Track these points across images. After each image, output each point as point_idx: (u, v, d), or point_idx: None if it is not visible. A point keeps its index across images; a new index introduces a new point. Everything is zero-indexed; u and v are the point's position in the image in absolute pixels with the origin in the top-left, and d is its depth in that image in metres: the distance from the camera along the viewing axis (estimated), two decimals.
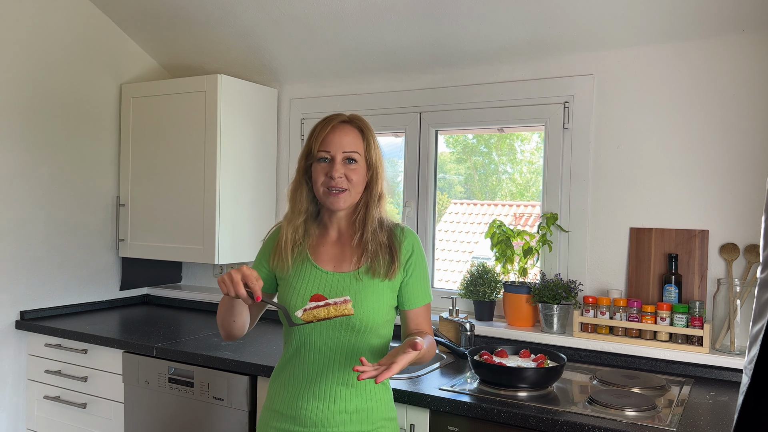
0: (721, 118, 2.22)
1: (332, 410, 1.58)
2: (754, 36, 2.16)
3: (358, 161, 1.61)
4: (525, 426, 1.75)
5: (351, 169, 1.60)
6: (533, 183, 2.86)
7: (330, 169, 1.59)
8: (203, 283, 3.42)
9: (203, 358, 2.32)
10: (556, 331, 2.37)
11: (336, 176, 1.58)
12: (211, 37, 2.94)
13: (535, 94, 2.53)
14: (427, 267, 1.70)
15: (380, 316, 1.60)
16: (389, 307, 1.64)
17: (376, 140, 1.66)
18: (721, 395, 1.97)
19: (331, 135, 1.61)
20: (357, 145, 1.62)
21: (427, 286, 1.68)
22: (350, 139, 1.61)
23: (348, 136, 1.62)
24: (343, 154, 1.60)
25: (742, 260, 2.19)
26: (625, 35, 2.31)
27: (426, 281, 1.68)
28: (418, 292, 1.65)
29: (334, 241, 1.67)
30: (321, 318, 1.44)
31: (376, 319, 1.59)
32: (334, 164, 1.59)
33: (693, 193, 2.27)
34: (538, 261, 2.53)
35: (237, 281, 1.43)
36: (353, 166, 1.61)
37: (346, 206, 1.62)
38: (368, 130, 1.66)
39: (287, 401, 1.62)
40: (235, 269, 1.45)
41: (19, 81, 2.76)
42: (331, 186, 1.59)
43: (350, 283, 1.60)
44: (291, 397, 1.62)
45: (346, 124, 1.64)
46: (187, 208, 2.90)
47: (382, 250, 1.62)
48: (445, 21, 2.44)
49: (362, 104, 2.89)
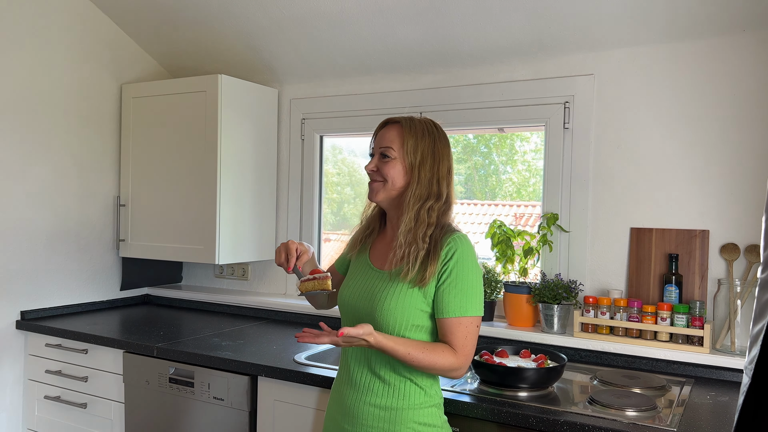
0: (722, 118, 2.22)
1: (363, 401, 1.63)
2: (754, 36, 2.16)
3: (392, 157, 1.64)
4: (525, 426, 1.75)
5: (384, 163, 1.65)
6: (533, 183, 2.86)
7: (372, 162, 1.69)
8: (203, 283, 3.42)
9: (203, 358, 2.32)
10: (556, 331, 2.37)
11: (368, 169, 1.69)
12: (211, 37, 2.94)
13: (535, 94, 2.53)
14: (471, 281, 1.60)
15: (403, 318, 1.59)
16: (418, 311, 1.60)
17: (422, 141, 1.64)
18: (721, 395, 1.97)
19: (379, 133, 1.71)
20: (393, 140, 1.65)
21: (463, 300, 1.58)
22: (389, 135, 1.67)
23: (389, 132, 1.67)
24: (380, 149, 1.67)
25: (742, 260, 2.19)
26: (625, 35, 2.31)
27: (463, 294, 1.58)
28: (447, 303, 1.58)
29: (388, 240, 1.73)
30: (309, 290, 1.64)
31: (398, 320, 1.59)
32: (375, 159, 1.69)
33: (693, 193, 2.27)
34: (539, 261, 2.53)
35: (278, 251, 1.70)
36: (386, 160, 1.65)
37: (380, 199, 1.68)
38: (412, 130, 1.65)
39: (336, 387, 1.75)
40: (286, 242, 1.71)
41: (19, 81, 2.76)
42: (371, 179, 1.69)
43: (380, 281, 1.66)
44: (338, 383, 1.74)
45: (395, 123, 1.68)
46: (187, 208, 2.90)
47: (419, 255, 1.59)
48: (445, 21, 2.44)
49: (362, 104, 2.89)
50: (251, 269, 3.25)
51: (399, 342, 1.55)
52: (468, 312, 1.59)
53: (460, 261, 1.59)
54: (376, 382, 1.63)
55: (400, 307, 1.59)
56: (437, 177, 1.64)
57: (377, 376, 1.63)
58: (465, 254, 1.60)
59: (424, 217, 1.61)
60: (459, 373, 1.60)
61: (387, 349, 1.54)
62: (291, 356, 2.30)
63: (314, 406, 2.11)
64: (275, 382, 2.19)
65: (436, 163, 1.65)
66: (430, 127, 1.68)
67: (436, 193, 1.64)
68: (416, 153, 1.63)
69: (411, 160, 1.63)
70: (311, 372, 2.11)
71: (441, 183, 1.65)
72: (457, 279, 1.58)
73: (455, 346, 1.59)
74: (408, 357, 1.54)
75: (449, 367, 1.57)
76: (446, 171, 1.67)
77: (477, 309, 1.61)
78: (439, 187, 1.64)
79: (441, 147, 1.67)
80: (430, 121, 1.70)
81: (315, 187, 3.08)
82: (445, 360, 1.56)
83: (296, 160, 3.10)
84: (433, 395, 1.65)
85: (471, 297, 1.60)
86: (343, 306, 1.74)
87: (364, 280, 1.70)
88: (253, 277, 3.25)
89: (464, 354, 1.59)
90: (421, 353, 1.55)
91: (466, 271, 1.59)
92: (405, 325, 1.59)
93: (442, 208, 1.64)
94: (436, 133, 1.68)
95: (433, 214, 1.62)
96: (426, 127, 1.67)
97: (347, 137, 3.17)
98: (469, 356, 1.60)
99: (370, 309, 1.63)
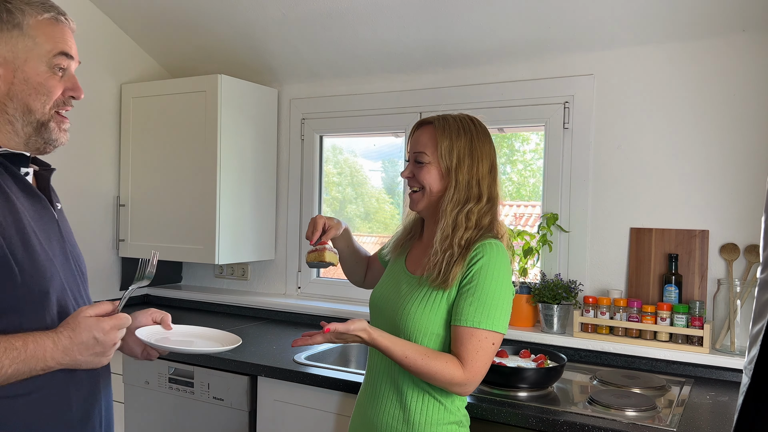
0: (722, 117, 2.22)
1: (381, 410, 1.58)
2: (754, 36, 2.16)
3: (427, 162, 1.56)
4: (525, 426, 1.75)
5: (419, 169, 1.58)
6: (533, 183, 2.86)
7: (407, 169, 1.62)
8: (203, 283, 3.42)
9: (203, 358, 2.32)
10: (556, 331, 2.37)
11: (403, 175, 1.62)
12: (211, 37, 2.94)
13: (535, 94, 2.53)
14: (493, 292, 1.48)
15: (423, 324, 1.53)
16: (440, 319, 1.53)
17: (458, 142, 1.54)
18: (721, 395, 1.97)
19: (414, 135, 1.63)
20: (426, 144, 1.57)
21: (481, 310, 1.47)
22: (422, 139, 1.59)
23: (422, 135, 1.59)
24: (414, 153, 1.60)
25: (742, 260, 2.19)
26: (625, 35, 2.31)
27: (482, 305, 1.48)
28: (463, 309, 1.49)
29: (425, 245, 1.66)
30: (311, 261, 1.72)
31: (418, 326, 1.53)
32: (410, 165, 1.62)
33: (693, 193, 2.27)
34: (539, 261, 2.53)
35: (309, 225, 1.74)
36: (421, 166, 1.58)
37: (420, 208, 1.61)
38: (446, 130, 1.55)
39: (359, 399, 1.70)
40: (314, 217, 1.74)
41: None
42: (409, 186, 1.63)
43: (408, 285, 1.61)
44: (361, 395, 1.70)
45: (428, 124, 1.60)
46: (187, 208, 2.90)
47: (450, 261, 1.51)
48: (445, 21, 2.44)
49: (362, 104, 2.89)
50: (251, 269, 3.25)
51: (397, 343, 1.48)
52: (483, 324, 1.47)
53: (485, 267, 1.49)
54: (396, 395, 1.57)
55: (420, 312, 1.53)
56: (477, 178, 1.55)
57: (397, 389, 1.57)
58: (492, 262, 1.49)
59: (462, 221, 1.52)
60: (464, 390, 1.49)
61: (382, 347, 1.47)
62: (291, 356, 2.30)
63: (314, 406, 2.11)
64: (275, 382, 2.19)
65: (474, 164, 1.55)
66: (466, 124, 1.57)
67: (477, 195, 1.54)
68: (451, 155, 1.54)
69: (447, 164, 1.54)
70: (311, 372, 2.11)
71: (482, 184, 1.55)
72: (478, 287, 1.48)
73: (463, 359, 1.47)
74: (405, 360, 1.46)
75: (452, 380, 1.46)
76: (487, 170, 1.57)
77: (496, 324, 1.48)
78: (479, 188, 1.55)
79: (480, 145, 1.56)
80: (467, 117, 1.59)
81: (315, 187, 3.08)
82: (448, 371, 1.46)
83: (296, 160, 3.10)
84: (454, 411, 1.56)
85: (491, 309, 1.48)
86: (372, 307, 1.71)
87: (394, 283, 1.65)
88: (253, 277, 3.25)
89: (472, 370, 1.47)
90: (420, 358, 1.46)
91: (489, 279, 1.49)
92: (425, 331, 1.52)
93: (483, 209, 1.55)
94: (474, 129, 1.57)
95: (472, 217, 1.53)
96: (461, 124, 1.57)
97: (347, 137, 3.17)
98: (479, 373, 1.48)
99: (393, 312, 1.59)
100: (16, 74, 1.19)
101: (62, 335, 1.13)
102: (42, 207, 1.25)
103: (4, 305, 1.12)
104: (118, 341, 1.18)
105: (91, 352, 1.15)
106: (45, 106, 1.22)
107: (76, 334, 1.13)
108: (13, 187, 1.20)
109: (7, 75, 1.19)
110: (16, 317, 1.13)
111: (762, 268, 1.14)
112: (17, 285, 1.13)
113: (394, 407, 1.57)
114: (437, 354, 1.49)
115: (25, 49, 1.19)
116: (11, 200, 1.17)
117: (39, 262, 1.17)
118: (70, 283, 1.25)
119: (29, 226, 1.18)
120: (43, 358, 1.11)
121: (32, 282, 1.15)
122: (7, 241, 1.12)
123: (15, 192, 1.19)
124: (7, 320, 1.12)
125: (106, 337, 1.14)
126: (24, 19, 1.19)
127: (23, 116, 1.21)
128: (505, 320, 1.51)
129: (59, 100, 1.25)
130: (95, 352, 1.15)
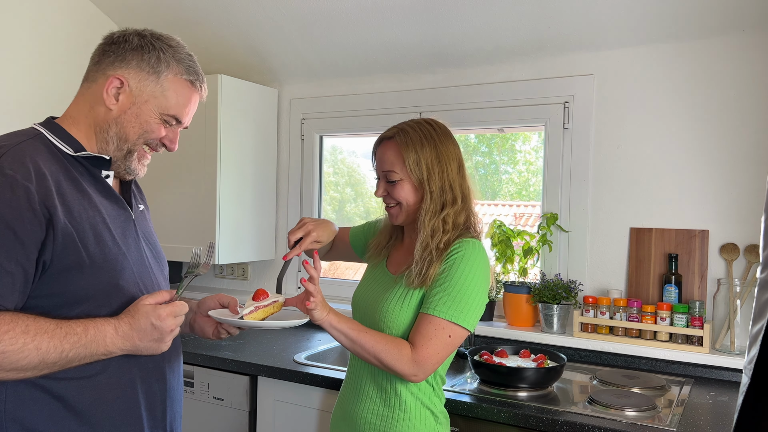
0: (721, 118, 2.22)
1: (363, 408, 1.60)
2: (754, 36, 2.16)
3: (398, 179, 1.57)
4: (525, 426, 1.75)
5: (392, 187, 1.59)
6: (533, 183, 2.86)
7: (379, 188, 1.63)
8: (203, 283, 3.42)
9: (203, 358, 2.32)
10: (556, 331, 2.37)
11: (377, 195, 1.63)
12: (211, 37, 2.94)
13: (535, 94, 2.53)
14: (462, 285, 1.49)
15: (401, 320, 1.54)
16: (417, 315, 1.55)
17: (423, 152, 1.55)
18: (721, 395, 1.97)
19: (378, 153, 1.63)
20: (393, 162, 1.57)
21: (445, 300, 1.48)
22: (388, 157, 1.58)
23: (387, 152, 1.59)
24: (383, 172, 1.61)
25: (742, 260, 2.19)
26: (625, 35, 2.31)
27: (447, 295, 1.48)
28: (428, 299, 1.51)
29: (405, 247, 1.68)
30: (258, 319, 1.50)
31: (396, 322, 1.55)
32: (381, 183, 1.62)
33: (693, 193, 2.27)
34: (538, 261, 2.53)
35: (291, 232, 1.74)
36: (393, 184, 1.58)
37: (401, 221, 1.63)
38: (409, 143, 1.55)
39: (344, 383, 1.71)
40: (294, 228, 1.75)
41: (18, 81, 2.75)
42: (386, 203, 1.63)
43: (388, 284, 1.63)
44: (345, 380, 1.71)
45: (389, 140, 1.60)
46: (187, 208, 2.90)
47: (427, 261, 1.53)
48: (445, 21, 2.44)
49: (362, 104, 2.89)
50: (251, 269, 3.25)
51: (353, 327, 1.49)
52: (443, 314, 1.47)
53: (458, 261, 1.50)
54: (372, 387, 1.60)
55: (398, 309, 1.55)
56: (449, 182, 1.56)
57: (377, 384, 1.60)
58: (467, 257, 1.51)
59: (439, 226, 1.54)
60: (414, 376, 1.48)
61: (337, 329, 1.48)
62: (291, 356, 2.30)
63: (314, 405, 2.12)
64: (275, 382, 2.19)
65: (444, 169, 1.56)
66: (426, 131, 1.58)
67: (451, 199, 1.56)
68: (420, 167, 1.54)
69: (418, 176, 1.55)
70: (311, 372, 2.11)
71: (454, 186, 1.57)
72: (448, 278, 1.49)
73: (414, 343, 1.48)
74: (356, 342, 1.48)
75: (399, 361, 1.46)
76: (456, 170, 1.58)
77: (457, 317, 1.47)
78: (452, 192, 1.57)
79: (444, 149, 1.57)
80: (425, 123, 1.60)
81: (315, 187, 3.08)
82: (395, 352, 1.47)
83: (296, 160, 3.10)
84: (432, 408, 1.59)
85: (456, 302, 1.48)
86: (353, 306, 1.73)
87: (375, 283, 1.68)
88: (253, 277, 3.25)
89: (420, 354, 1.46)
90: (370, 339, 1.48)
91: (460, 273, 1.49)
92: (403, 327, 1.54)
93: (458, 209, 1.57)
94: (435, 134, 1.58)
95: (449, 220, 1.55)
96: (422, 133, 1.57)
97: (347, 137, 3.17)
98: (427, 360, 1.47)
99: (373, 310, 1.61)
100: (132, 107, 1.30)
101: (123, 321, 1.20)
102: (119, 207, 1.33)
103: (78, 294, 1.20)
104: (175, 328, 1.24)
105: (149, 338, 1.21)
106: (139, 138, 1.33)
107: (135, 321, 1.20)
108: (92, 187, 1.28)
109: (124, 104, 1.29)
110: (88, 306, 1.21)
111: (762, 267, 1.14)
112: (87, 275, 1.20)
113: (372, 402, 1.60)
114: (390, 338, 1.51)
115: (151, 93, 1.31)
116: (89, 198, 1.25)
117: (110, 256, 1.24)
118: (144, 277, 1.33)
119: (103, 223, 1.26)
120: (104, 343, 1.18)
121: (102, 273, 1.22)
122: (80, 235, 1.20)
123: (94, 192, 1.28)
124: (80, 309, 1.20)
125: (163, 323, 1.21)
126: (166, 71, 1.31)
127: (118, 141, 1.31)
128: (470, 315, 1.50)
129: (153, 141, 1.36)
130: (153, 338, 1.22)
